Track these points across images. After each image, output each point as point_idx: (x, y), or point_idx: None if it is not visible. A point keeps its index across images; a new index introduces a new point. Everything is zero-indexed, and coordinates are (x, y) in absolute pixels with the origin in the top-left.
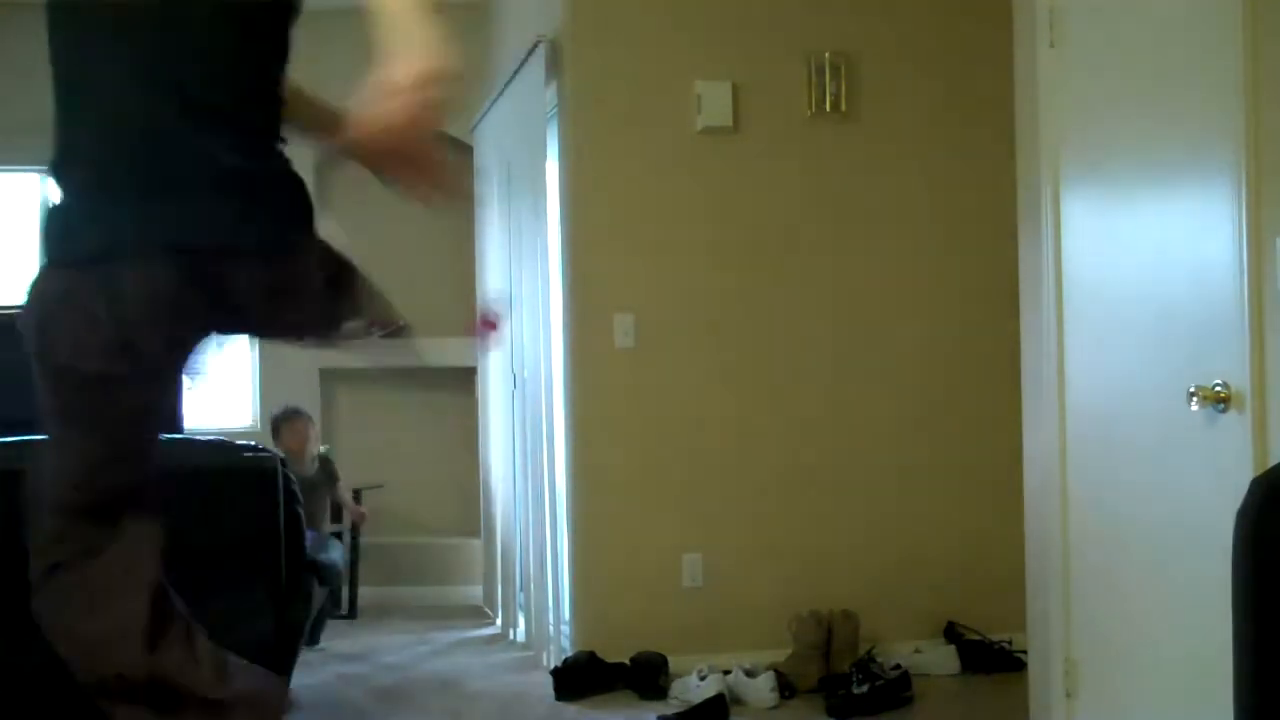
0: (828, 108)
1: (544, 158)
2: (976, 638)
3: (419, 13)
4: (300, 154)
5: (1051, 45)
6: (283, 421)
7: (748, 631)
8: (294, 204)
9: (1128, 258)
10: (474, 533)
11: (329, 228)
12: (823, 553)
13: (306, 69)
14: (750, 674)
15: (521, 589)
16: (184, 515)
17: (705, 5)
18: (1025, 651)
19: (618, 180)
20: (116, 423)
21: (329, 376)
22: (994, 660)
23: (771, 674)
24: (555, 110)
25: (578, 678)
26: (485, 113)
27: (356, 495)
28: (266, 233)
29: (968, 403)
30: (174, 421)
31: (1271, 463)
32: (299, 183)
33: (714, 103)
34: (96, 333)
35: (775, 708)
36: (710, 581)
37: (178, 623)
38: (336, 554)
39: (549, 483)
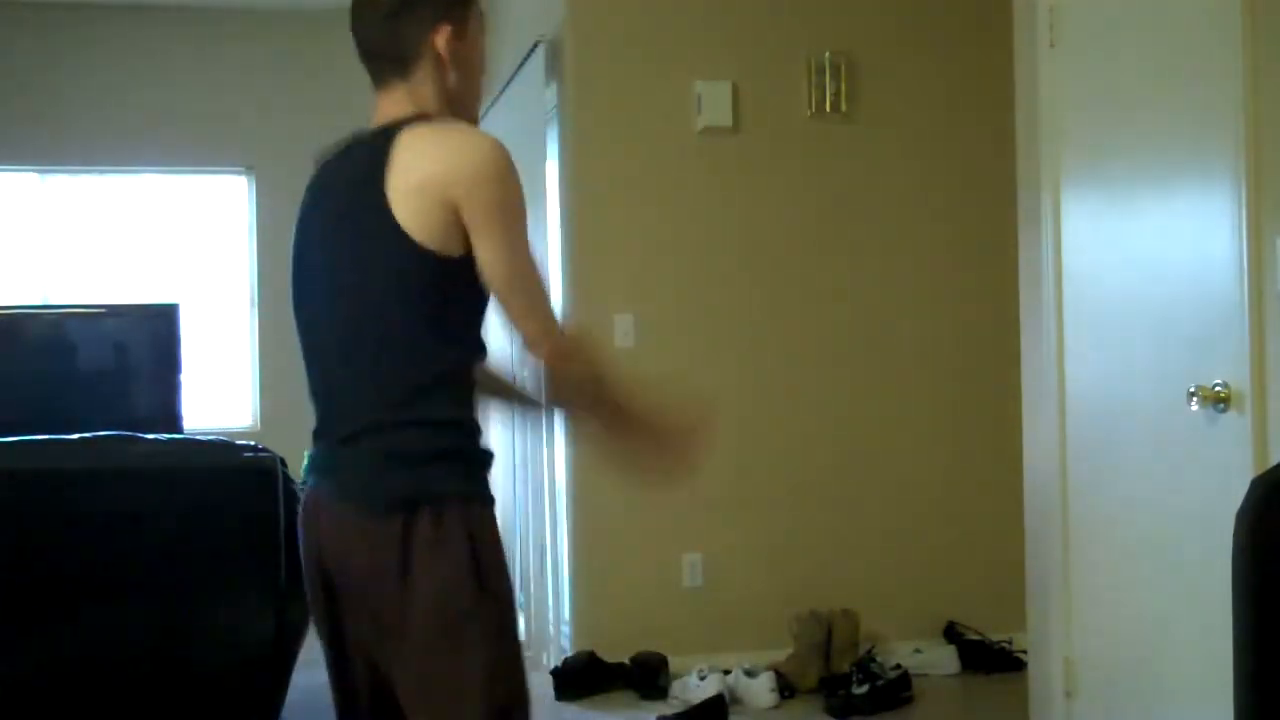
0: (828, 108)
1: (544, 158)
2: (976, 638)
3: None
4: None
5: (1051, 45)
6: None
7: (748, 631)
8: None
9: (1128, 257)
10: None
11: None
12: (823, 553)
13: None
14: (750, 674)
15: (521, 589)
16: (184, 515)
17: (705, 5)
18: (1025, 651)
19: (618, 180)
20: None
21: None
22: (994, 660)
23: (771, 674)
24: (555, 110)
25: (578, 678)
26: (485, 113)
27: None
28: None
29: (967, 402)
30: (174, 421)
31: (1271, 463)
32: None
33: (714, 103)
34: None
35: (775, 708)
36: (710, 581)
37: None
38: None
39: (549, 483)
